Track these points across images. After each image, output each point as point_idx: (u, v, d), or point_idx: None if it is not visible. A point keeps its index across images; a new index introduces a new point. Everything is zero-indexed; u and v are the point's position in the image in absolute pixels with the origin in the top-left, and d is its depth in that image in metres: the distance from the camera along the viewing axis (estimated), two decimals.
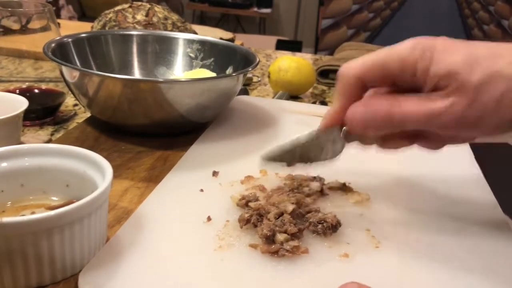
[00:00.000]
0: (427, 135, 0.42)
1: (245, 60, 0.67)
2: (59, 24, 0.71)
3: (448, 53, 0.37)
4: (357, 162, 0.55)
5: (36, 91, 0.68)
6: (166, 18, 0.92)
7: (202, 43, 0.74)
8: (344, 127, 0.43)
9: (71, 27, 1.14)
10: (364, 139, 0.44)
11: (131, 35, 0.73)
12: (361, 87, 0.41)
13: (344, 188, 0.49)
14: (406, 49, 0.38)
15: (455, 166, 0.57)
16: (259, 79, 0.97)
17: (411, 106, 0.38)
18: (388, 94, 0.40)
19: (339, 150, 0.44)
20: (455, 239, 0.43)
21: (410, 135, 0.43)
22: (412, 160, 0.58)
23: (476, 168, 0.58)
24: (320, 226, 0.41)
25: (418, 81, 0.38)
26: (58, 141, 0.58)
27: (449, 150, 0.62)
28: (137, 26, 0.89)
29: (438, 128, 0.39)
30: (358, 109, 0.40)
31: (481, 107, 0.35)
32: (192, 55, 0.74)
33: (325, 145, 0.44)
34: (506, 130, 0.37)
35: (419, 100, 0.38)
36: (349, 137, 0.43)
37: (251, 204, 0.43)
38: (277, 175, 0.51)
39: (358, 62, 0.40)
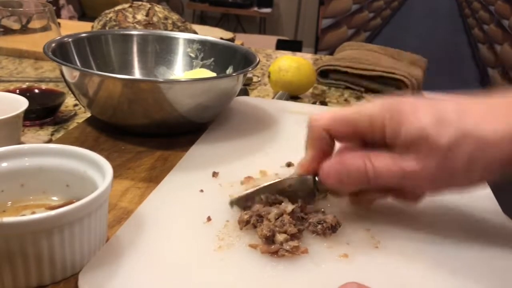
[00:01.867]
0: (402, 188, 0.42)
1: (245, 60, 0.67)
2: (59, 24, 0.71)
3: (417, 115, 0.37)
4: None
5: (36, 91, 0.68)
6: (166, 18, 0.92)
7: (202, 43, 0.74)
8: (317, 178, 0.43)
9: (71, 27, 1.14)
10: (337, 192, 0.45)
11: (131, 35, 0.73)
12: (329, 138, 0.42)
13: None
14: (375, 109, 0.39)
15: None
16: (259, 79, 0.97)
17: (384, 165, 0.38)
18: (361, 151, 0.40)
19: (312, 198, 0.45)
20: (454, 239, 0.43)
21: (384, 189, 0.42)
22: None
23: None
24: (319, 226, 0.41)
25: (388, 141, 0.39)
26: (58, 141, 0.59)
27: None
28: (137, 26, 0.89)
29: (410, 187, 0.40)
30: (331, 165, 0.41)
31: (452, 168, 0.36)
32: (192, 55, 0.74)
33: (298, 193, 0.44)
34: (478, 185, 0.39)
35: (392, 159, 0.38)
36: (321, 187, 0.43)
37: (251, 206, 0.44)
38: (277, 176, 0.51)
39: (326, 115, 0.41)
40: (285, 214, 0.42)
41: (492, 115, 0.36)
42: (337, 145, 0.44)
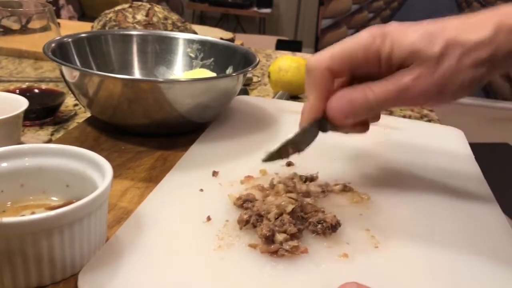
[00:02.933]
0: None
1: (245, 60, 0.67)
2: (59, 24, 0.71)
3: (406, 33, 0.41)
4: (356, 163, 0.55)
5: (36, 91, 0.68)
6: (166, 18, 0.92)
7: (202, 43, 0.74)
8: (321, 119, 0.45)
9: (71, 27, 1.14)
10: (339, 127, 0.47)
11: (131, 35, 0.73)
12: (331, 77, 0.44)
13: (344, 188, 0.49)
14: (367, 39, 0.42)
15: (455, 166, 0.57)
16: (259, 79, 0.97)
17: (382, 88, 0.42)
18: (359, 84, 0.43)
19: (314, 137, 0.47)
20: (455, 240, 0.43)
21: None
22: (412, 161, 0.58)
23: (476, 168, 0.58)
24: (319, 226, 0.41)
25: (382, 66, 0.42)
26: (58, 141, 0.58)
27: (449, 151, 0.62)
28: (137, 26, 0.89)
29: (409, 102, 0.43)
30: (336, 103, 0.43)
31: (443, 73, 0.40)
32: (192, 55, 0.74)
33: (308, 136, 0.46)
34: (466, 93, 0.42)
35: (388, 81, 0.42)
36: (324, 127, 0.46)
37: (250, 206, 0.43)
38: (277, 175, 0.51)
39: (326, 54, 0.44)
40: (285, 213, 0.42)
41: (468, 26, 0.41)
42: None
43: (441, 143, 0.63)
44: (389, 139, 0.64)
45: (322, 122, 0.45)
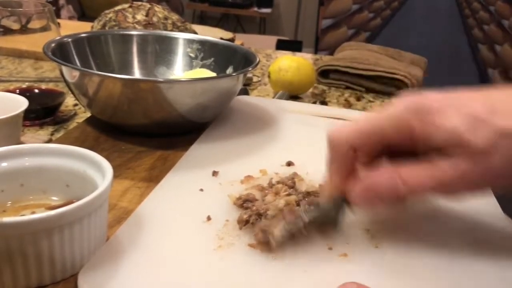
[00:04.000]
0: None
1: (245, 60, 0.67)
2: (59, 24, 0.71)
3: (446, 114, 0.35)
4: None
5: (36, 91, 0.68)
6: (166, 18, 0.92)
7: (202, 43, 0.74)
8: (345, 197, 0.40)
9: (71, 27, 1.14)
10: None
11: (131, 35, 0.73)
12: (356, 155, 0.39)
13: None
14: (400, 113, 0.37)
15: None
16: (259, 79, 0.97)
17: (417, 177, 0.36)
18: (388, 166, 0.38)
19: (344, 216, 0.42)
20: (454, 239, 0.43)
21: None
22: None
23: None
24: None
25: (418, 145, 0.37)
26: (58, 141, 0.58)
27: None
28: (137, 26, 0.89)
29: (447, 194, 0.38)
30: (359, 190, 0.38)
31: (493, 169, 0.34)
32: (192, 55, 0.74)
33: (332, 215, 0.41)
34: None
35: (424, 170, 0.36)
36: (350, 204, 0.41)
37: (250, 205, 0.43)
38: (277, 175, 0.51)
39: (348, 128, 0.39)
40: None
41: None
42: None
43: None
44: None
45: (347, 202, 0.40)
